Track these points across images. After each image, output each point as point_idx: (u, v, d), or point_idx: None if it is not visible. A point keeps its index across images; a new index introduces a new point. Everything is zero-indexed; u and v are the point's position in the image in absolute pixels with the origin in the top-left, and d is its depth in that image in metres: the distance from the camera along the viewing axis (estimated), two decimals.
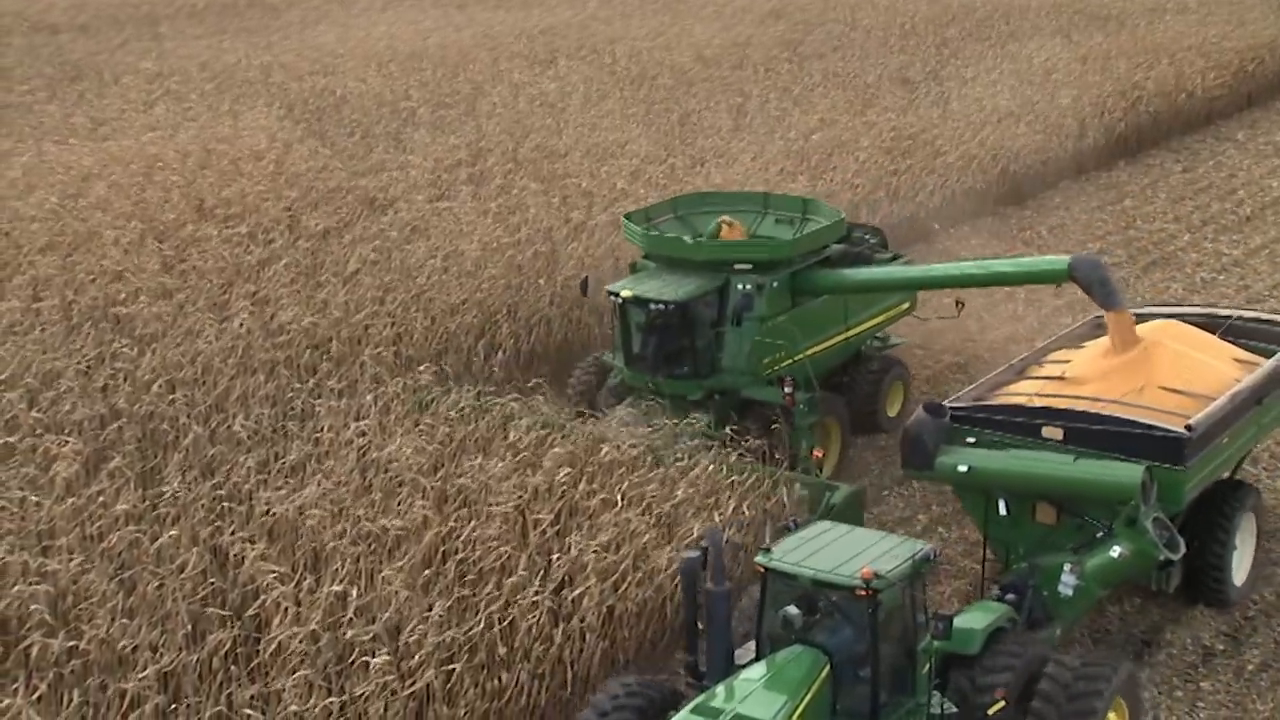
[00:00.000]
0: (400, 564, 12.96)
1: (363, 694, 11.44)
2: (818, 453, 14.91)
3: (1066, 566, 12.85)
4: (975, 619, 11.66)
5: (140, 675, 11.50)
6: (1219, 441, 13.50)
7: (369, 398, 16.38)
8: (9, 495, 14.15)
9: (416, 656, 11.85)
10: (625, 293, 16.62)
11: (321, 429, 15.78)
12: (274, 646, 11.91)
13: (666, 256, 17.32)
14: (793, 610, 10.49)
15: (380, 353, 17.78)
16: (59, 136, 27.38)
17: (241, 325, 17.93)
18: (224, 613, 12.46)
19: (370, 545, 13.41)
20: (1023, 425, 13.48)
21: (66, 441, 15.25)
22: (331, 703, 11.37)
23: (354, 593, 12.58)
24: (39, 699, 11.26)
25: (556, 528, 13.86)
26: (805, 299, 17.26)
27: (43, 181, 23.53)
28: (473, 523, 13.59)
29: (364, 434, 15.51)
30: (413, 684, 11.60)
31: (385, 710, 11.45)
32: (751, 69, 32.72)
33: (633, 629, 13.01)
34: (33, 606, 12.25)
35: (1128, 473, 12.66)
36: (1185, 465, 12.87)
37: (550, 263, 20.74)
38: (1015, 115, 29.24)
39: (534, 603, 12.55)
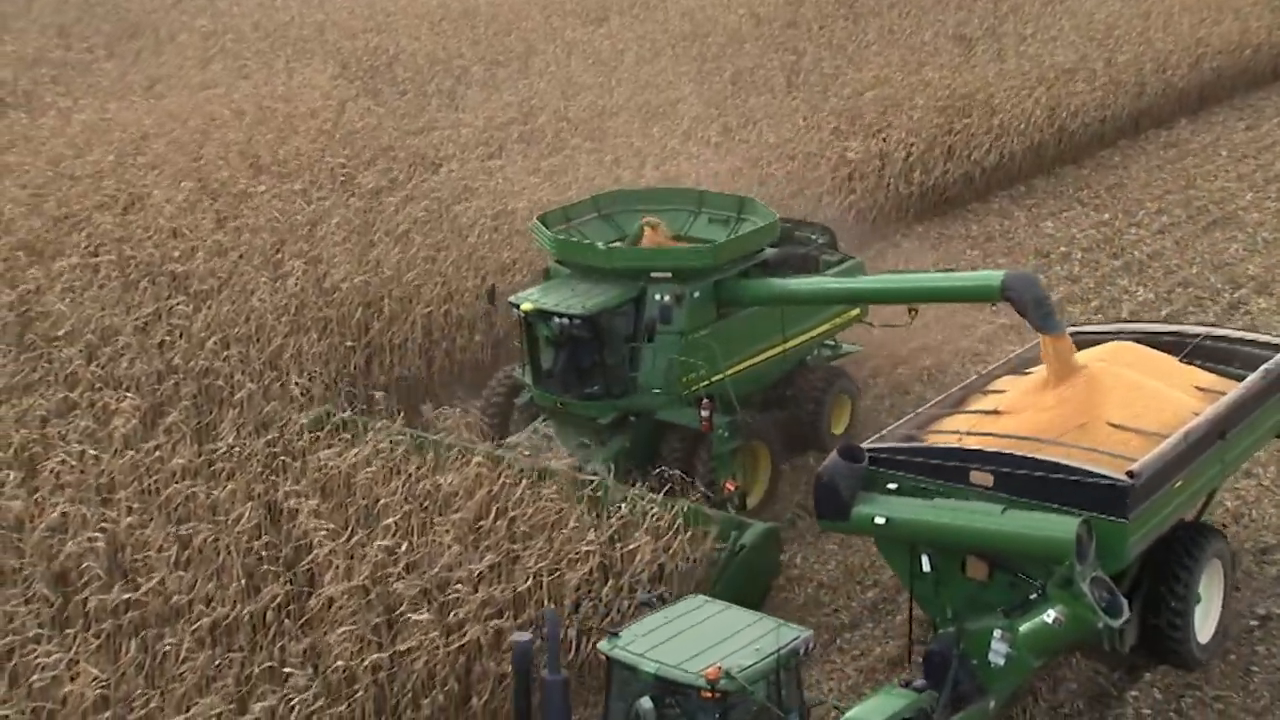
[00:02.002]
0: (452, 518, 13.09)
1: (409, 648, 11.62)
2: (730, 484, 14.02)
3: (997, 633, 11.30)
4: (873, 712, 10.56)
5: (194, 627, 11.75)
6: (1171, 486, 11.74)
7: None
8: (69, 449, 14.46)
9: (463, 611, 12.00)
10: (526, 305, 15.10)
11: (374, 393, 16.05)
12: (324, 601, 12.11)
13: (579, 263, 15.72)
14: (645, 704, 9.34)
15: (430, 312, 17.92)
16: (117, 94, 27.65)
17: (295, 283, 18.12)
18: (276, 568, 12.68)
19: (422, 503, 13.56)
20: (949, 469, 11.76)
21: (125, 397, 15.55)
22: (380, 657, 11.54)
23: (403, 547, 12.76)
24: (97, 649, 11.53)
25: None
26: (734, 309, 15.72)
27: (101, 139, 23.80)
28: (524, 482, 13.70)
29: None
30: (461, 639, 11.76)
31: (432, 664, 11.63)
32: (805, 26, 32.35)
33: (683, 585, 13.07)
34: (90, 561, 12.55)
35: (1061, 526, 10.95)
36: (1127, 517, 11.13)
37: None
38: (1073, 72, 28.76)
39: (586, 553, 12.64)
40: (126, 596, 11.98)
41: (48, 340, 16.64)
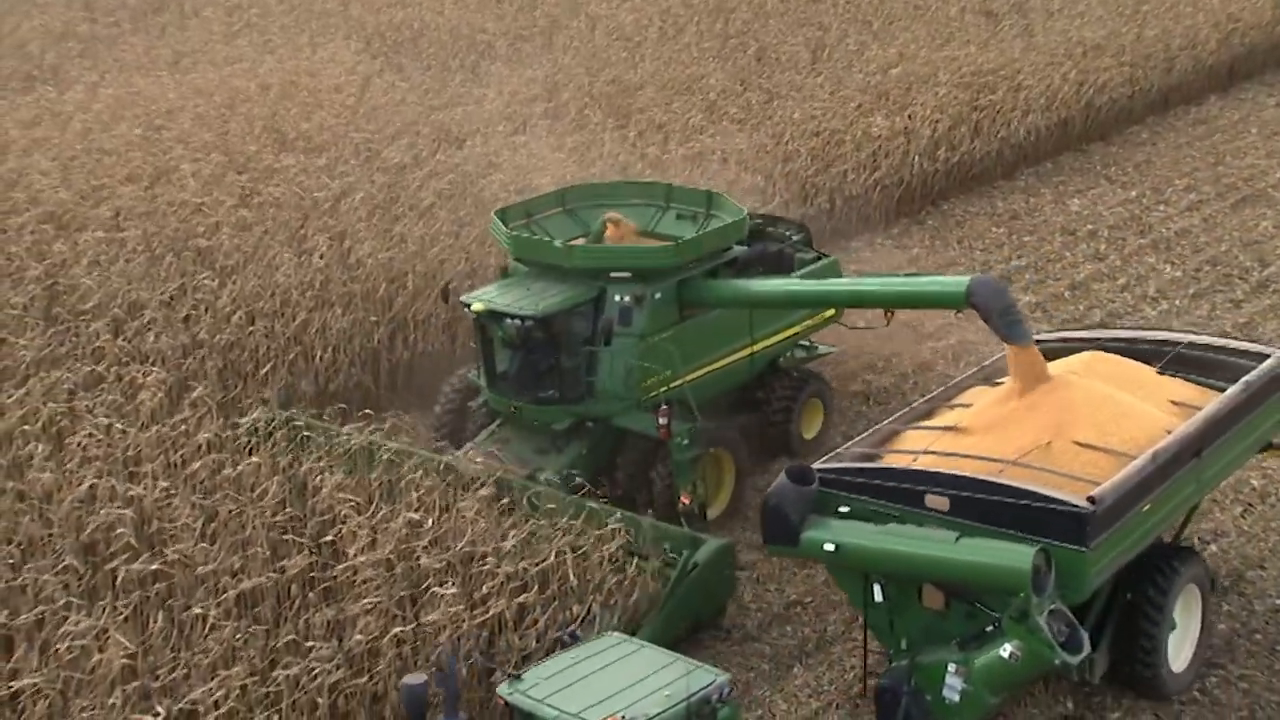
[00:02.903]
0: (477, 493, 13.15)
1: (434, 621, 11.69)
2: (685, 497, 13.55)
3: (951, 667, 10.76)
4: None
5: (220, 599, 11.85)
6: (1138, 510, 11.00)
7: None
8: (96, 422, 14.57)
9: (487, 586, 12.06)
10: (477, 305, 14.43)
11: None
12: (348, 574, 12.19)
13: (536, 261, 15.03)
14: None
15: (455, 285, 17.93)
16: (142, 68, 27.74)
17: (320, 258, 18.17)
18: (301, 539, 12.77)
19: (446, 477, 13.62)
20: (904, 492, 11.11)
21: (151, 371, 15.65)
22: (403, 630, 11.61)
23: (429, 522, 12.82)
24: (125, 620, 11.65)
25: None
26: (698, 310, 15.05)
27: (127, 114, 23.89)
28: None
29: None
30: (484, 613, 11.82)
31: (456, 638, 11.70)
32: (830, 1, 32.18)
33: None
34: (119, 530, 12.67)
35: (1016, 556, 10.31)
36: (1087, 546, 10.45)
37: None
38: (1101, 48, 28.53)
39: (612, 531, 12.69)
40: (154, 568, 12.09)
41: (75, 314, 16.75)
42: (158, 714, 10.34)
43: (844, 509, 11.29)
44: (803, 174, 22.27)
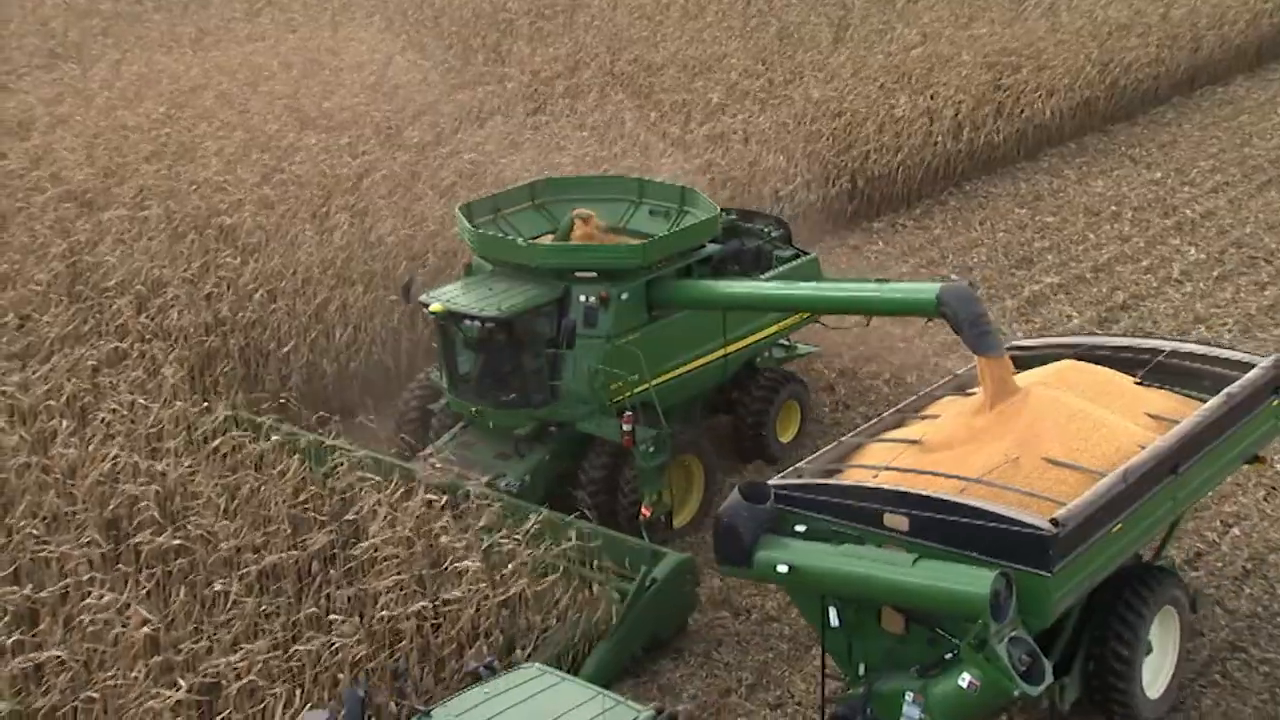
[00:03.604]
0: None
1: (456, 599, 11.75)
2: (646, 509, 13.11)
3: (909, 695, 10.25)
4: None
5: (242, 573, 11.93)
6: (1107, 532, 10.42)
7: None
8: (120, 399, 14.67)
9: (510, 565, 12.09)
10: (436, 306, 13.87)
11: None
12: (369, 551, 12.25)
13: (500, 260, 14.50)
14: None
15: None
16: (165, 46, 27.80)
17: (341, 237, 18.22)
18: (321, 516, 12.83)
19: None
20: (862, 511, 10.58)
21: (173, 348, 15.75)
22: (425, 607, 11.67)
23: (444, 499, 12.86)
24: (147, 594, 11.75)
25: None
26: (669, 311, 14.50)
27: (150, 91, 23.96)
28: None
29: None
30: (506, 592, 11.86)
31: (477, 614, 11.76)
32: None
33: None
34: (142, 504, 12.77)
35: (975, 580, 9.80)
36: (1051, 570, 9.90)
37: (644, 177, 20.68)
38: (1127, 27, 28.32)
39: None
40: (176, 543, 12.18)
41: (98, 291, 16.83)
42: (178, 686, 10.41)
43: (800, 528, 10.76)
44: (825, 154, 22.19)
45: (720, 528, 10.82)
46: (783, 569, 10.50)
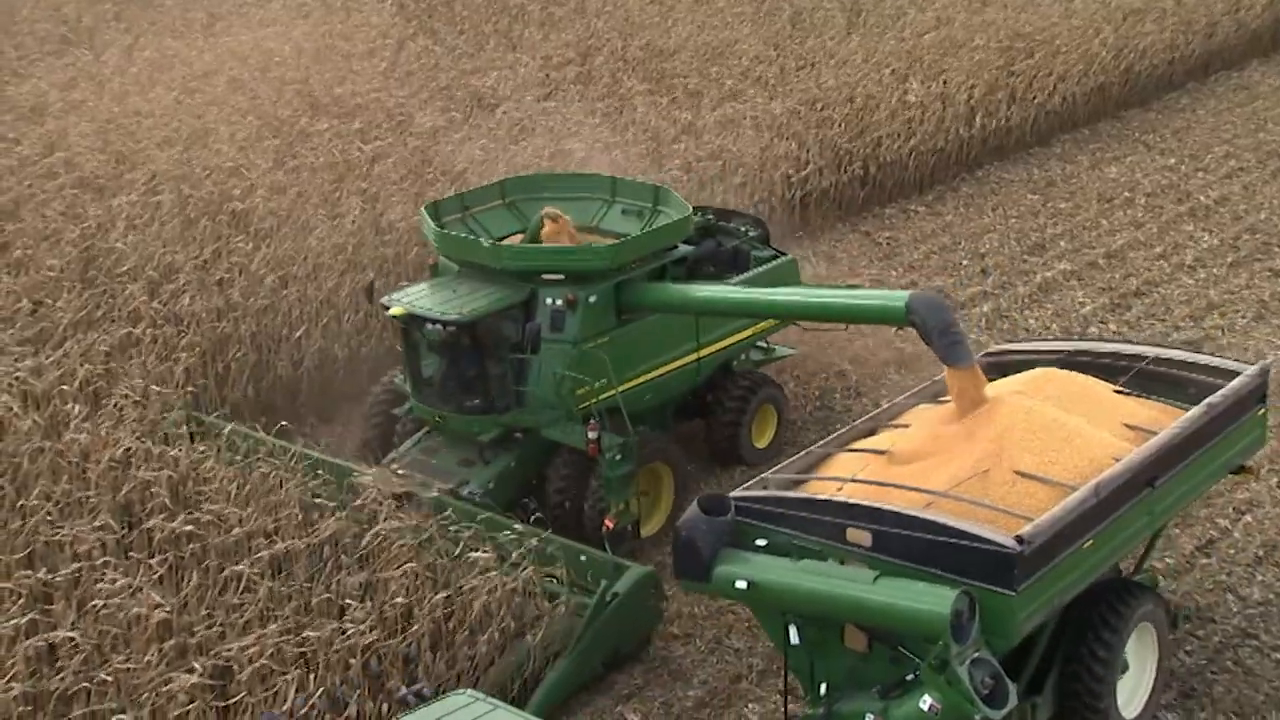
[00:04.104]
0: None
1: (469, 586, 11.79)
2: (609, 521, 12.71)
3: (869, 717, 9.94)
4: None
5: (254, 558, 11.98)
6: (1077, 549, 10.04)
7: None
8: (132, 384, 14.73)
9: (516, 554, 12.10)
10: (396, 309, 13.45)
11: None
12: (379, 538, 12.29)
13: (465, 261, 14.10)
14: None
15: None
16: (177, 31, 27.81)
17: (352, 222, 18.24)
18: (332, 503, 12.87)
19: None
20: (824, 525, 10.22)
21: (184, 333, 15.79)
22: (436, 598, 11.70)
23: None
24: (160, 579, 11.81)
25: None
26: (640, 313, 14.11)
27: (163, 77, 23.99)
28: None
29: None
30: (514, 581, 11.87)
31: (489, 601, 11.79)
32: None
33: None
34: (154, 489, 12.83)
35: (936, 599, 9.46)
36: (1015, 590, 9.54)
37: (655, 163, 20.68)
38: (1142, 12, 28.17)
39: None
40: (189, 529, 12.22)
41: (111, 276, 16.88)
42: (192, 669, 10.46)
43: (761, 541, 10.40)
44: (837, 140, 22.14)
45: (678, 542, 10.51)
46: (741, 585, 10.18)
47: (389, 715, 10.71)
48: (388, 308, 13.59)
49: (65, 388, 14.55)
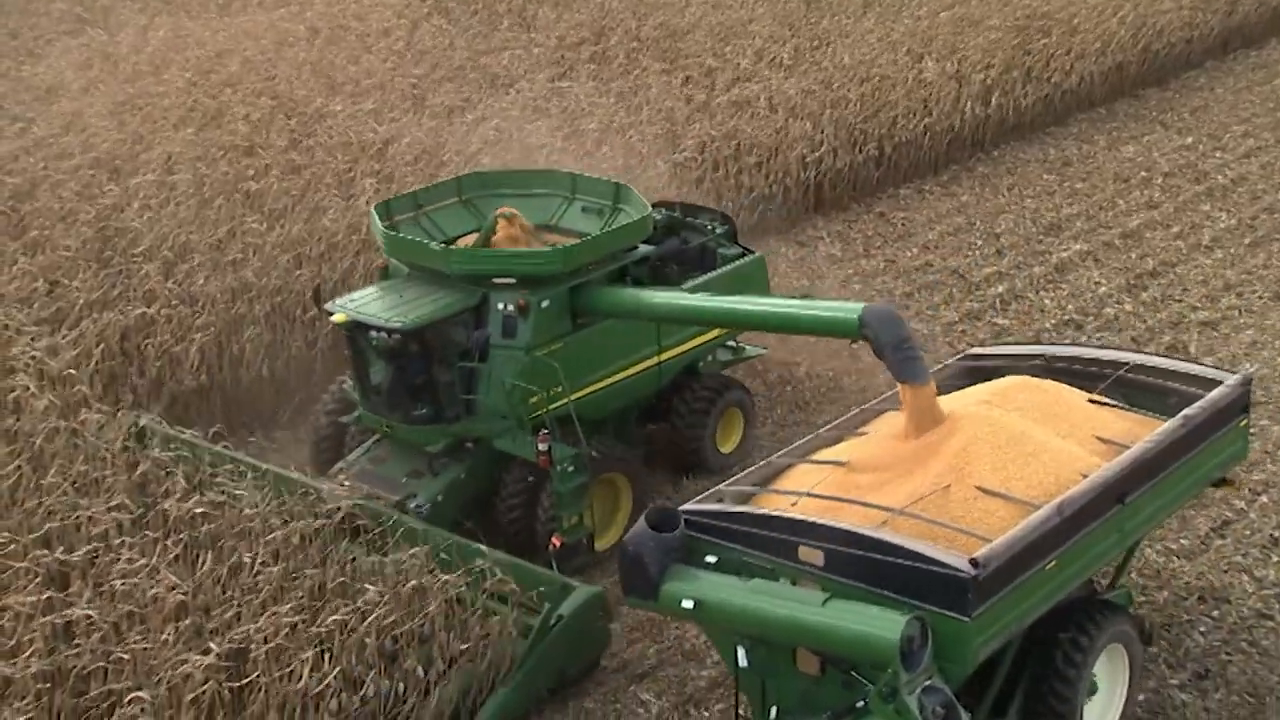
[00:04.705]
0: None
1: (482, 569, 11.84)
2: (556, 539, 12.21)
3: None
4: None
5: (268, 539, 12.03)
6: (1038, 570, 9.58)
7: None
8: (148, 364, 14.78)
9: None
10: (339, 316, 12.97)
11: None
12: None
13: (414, 264, 13.59)
14: None
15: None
16: (192, 12, 27.81)
17: (366, 203, 18.24)
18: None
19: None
20: (776, 542, 9.75)
21: (199, 314, 15.84)
22: (451, 578, 11.73)
23: None
24: (175, 558, 11.88)
25: None
26: (596, 317, 13.59)
27: (178, 57, 24.01)
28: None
29: None
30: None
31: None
32: None
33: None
34: (169, 470, 12.89)
35: (885, 624, 9.03)
36: (969, 615, 9.08)
37: (669, 143, 20.64)
38: None
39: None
40: (203, 510, 12.28)
41: (126, 256, 16.93)
42: (208, 649, 10.53)
43: (711, 558, 9.98)
44: (851, 120, 22.06)
45: (624, 558, 10.06)
46: (687, 605, 9.75)
47: (405, 694, 10.76)
48: (332, 314, 13.08)
49: (81, 368, 14.58)
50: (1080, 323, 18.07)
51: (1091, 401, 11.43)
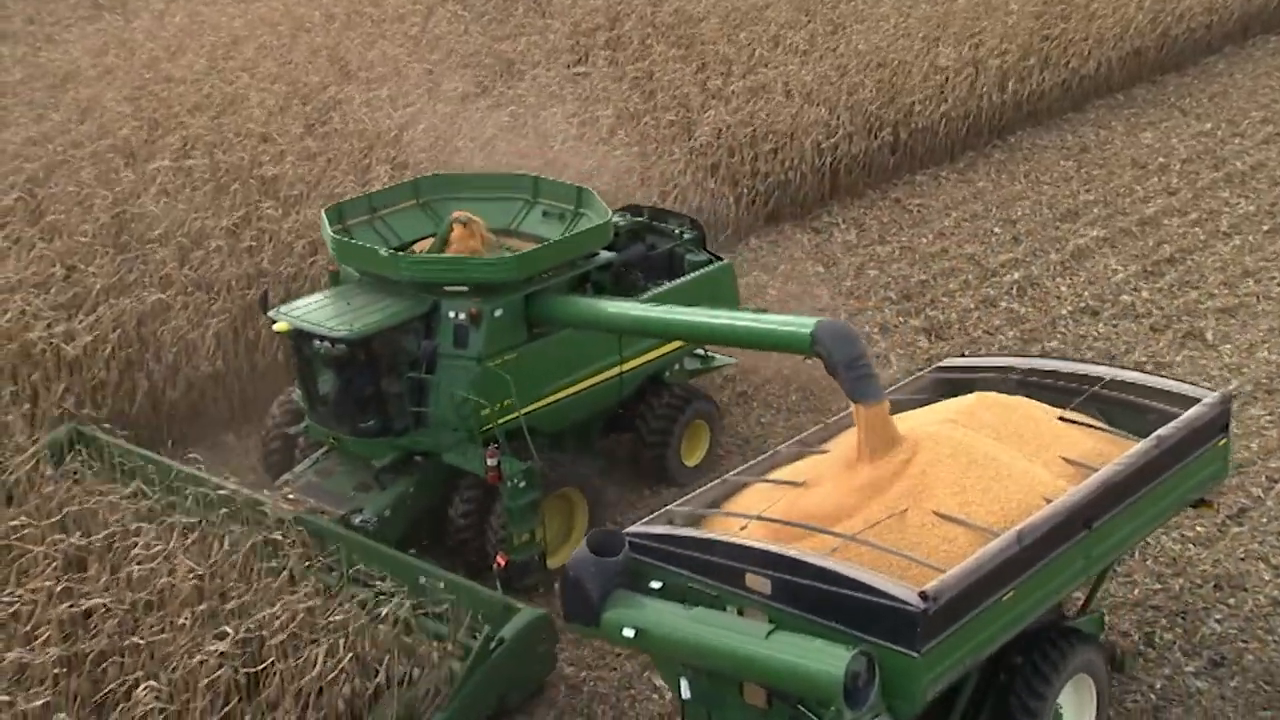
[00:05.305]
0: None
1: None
2: (501, 559, 11.72)
3: None
4: None
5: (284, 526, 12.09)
6: (994, 603, 9.09)
7: None
8: (164, 351, 14.83)
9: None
10: (280, 325, 12.54)
11: None
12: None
13: (364, 270, 13.14)
14: None
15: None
16: None
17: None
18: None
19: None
20: (723, 568, 9.33)
21: (215, 299, 15.89)
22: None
23: None
24: (192, 544, 11.93)
25: None
26: (554, 326, 13.11)
27: (194, 43, 24.05)
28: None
29: None
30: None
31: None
32: None
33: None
34: (188, 454, 12.96)
35: (829, 660, 8.61)
36: (917, 651, 8.62)
37: (685, 130, 20.59)
38: None
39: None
40: (220, 492, 12.34)
41: (142, 241, 16.98)
42: (224, 635, 10.57)
43: (656, 584, 9.59)
44: (867, 106, 21.98)
45: (565, 582, 9.69)
46: (628, 633, 9.36)
47: (420, 678, 10.80)
48: (275, 321, 12.65)
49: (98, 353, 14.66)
50: (1096, 310, 18.01)
51: (1063, 420, 10.91)
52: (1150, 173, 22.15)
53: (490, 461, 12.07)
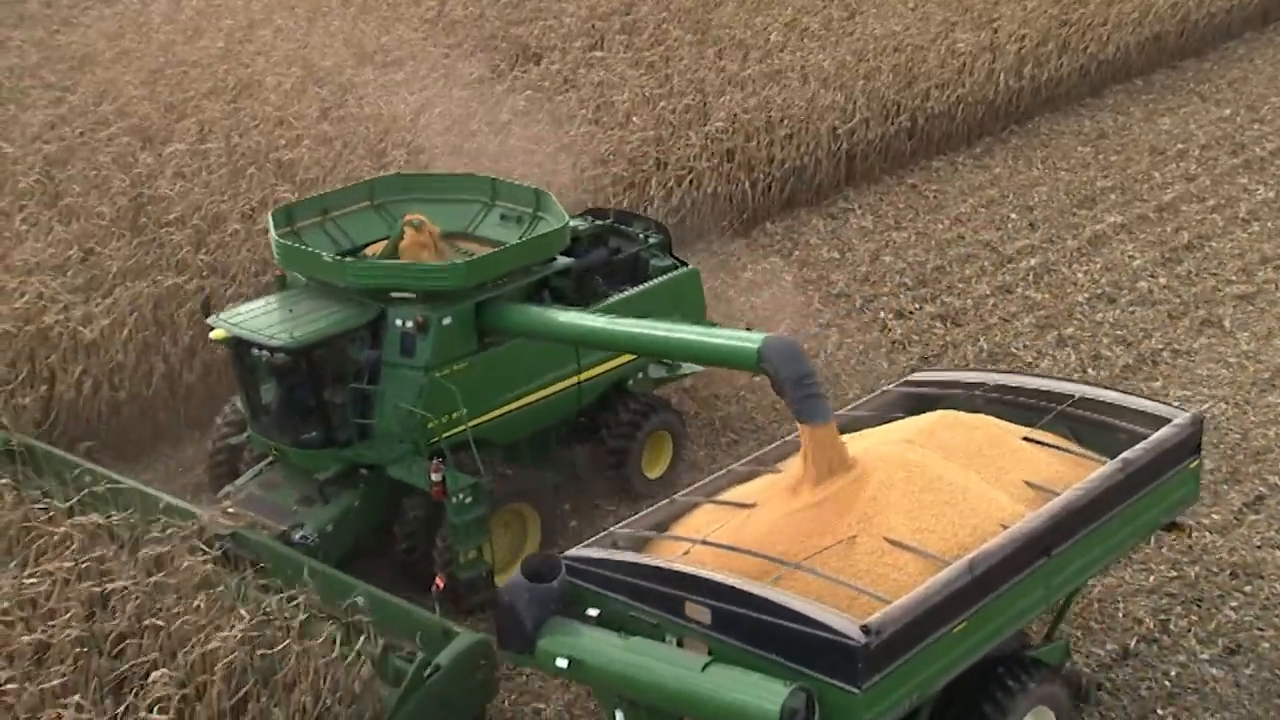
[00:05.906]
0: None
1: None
2: (440, 580, 10.86)
3: None
4: None
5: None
6: (944, 635, 8.66)
7: None
8: (180, 334, 14.88)
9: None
10: (217, 332, 12.07)
11: None
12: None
13: (308, 275, 12.69)
14: None
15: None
16: None
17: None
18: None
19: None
20: (662, 596, 8.96)
21: (230, 285, 15.93)
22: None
23: None
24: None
25: None
26: (506, 335, 12.61)
27: (210, 26, 24.07)
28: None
29: None
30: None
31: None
32: None
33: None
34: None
35: (766, 696, 8.25)
36: (859, 688, 8.21)
37: (700, 114, 20.55)
38: None
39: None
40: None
41: (159, 225, 17.03)
42: (242, 616, 10.62)
43: (594, 611, 9.22)
44: (884, 92, 21.90)
45: (499, 609, 9.36)
46: (561, 663, 9.05)
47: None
48: (213, 328, 12.19)
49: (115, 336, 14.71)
50: (1114, 296, 17.95)
51: (1028, 440, 10.51)
52: (1169, 159, 22.05)
53: (435, 476, 11.54)
